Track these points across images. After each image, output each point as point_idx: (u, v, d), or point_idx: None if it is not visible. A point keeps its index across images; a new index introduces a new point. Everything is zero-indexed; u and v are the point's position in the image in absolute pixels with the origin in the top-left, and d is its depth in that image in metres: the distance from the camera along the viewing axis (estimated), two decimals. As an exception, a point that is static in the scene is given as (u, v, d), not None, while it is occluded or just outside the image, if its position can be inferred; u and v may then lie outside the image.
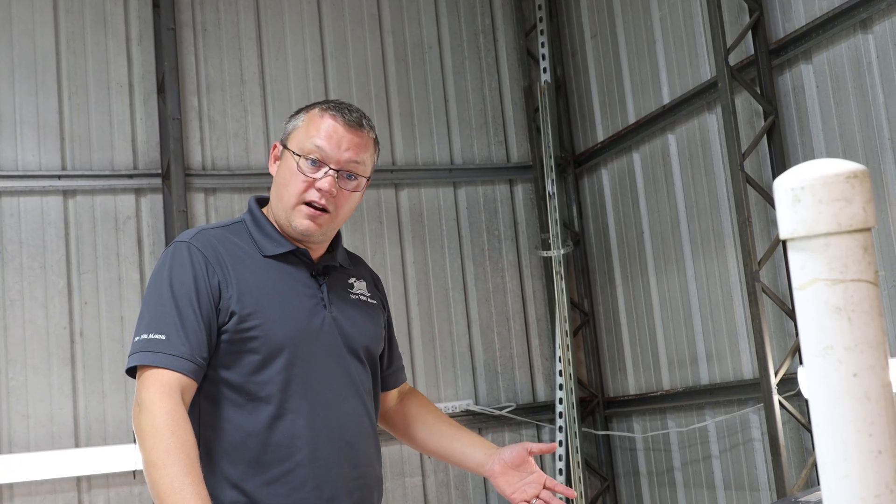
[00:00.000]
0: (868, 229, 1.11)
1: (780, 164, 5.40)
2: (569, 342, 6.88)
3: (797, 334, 5.24)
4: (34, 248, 6.08)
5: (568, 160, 7.29)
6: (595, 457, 7.07)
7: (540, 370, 7.16)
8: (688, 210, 6.22)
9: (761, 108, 5.53)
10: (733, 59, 5.60)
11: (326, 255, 2.36)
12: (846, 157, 4.90)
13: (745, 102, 5.64)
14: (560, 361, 6.92)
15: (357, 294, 2.38)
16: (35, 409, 5.91)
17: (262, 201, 2.39)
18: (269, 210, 2.34)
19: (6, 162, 6.14)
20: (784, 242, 1.19)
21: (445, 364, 6.92)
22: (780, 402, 5.23)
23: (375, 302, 2.44)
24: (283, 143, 2.32)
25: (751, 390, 5.65)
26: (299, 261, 2.29)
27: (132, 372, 2.13)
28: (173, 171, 6.28)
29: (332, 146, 2.24)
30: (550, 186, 7.05)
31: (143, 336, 2.09)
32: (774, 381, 5.23)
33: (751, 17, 5.55)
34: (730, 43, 5.56)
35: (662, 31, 6.37)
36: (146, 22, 6.55)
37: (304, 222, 2.24)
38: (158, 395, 2.02)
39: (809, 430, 5.26)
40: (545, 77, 7.24)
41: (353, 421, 2.26)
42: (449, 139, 7.23)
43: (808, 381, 1.16)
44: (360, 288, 2.40)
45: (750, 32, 5.56)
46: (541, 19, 7.31)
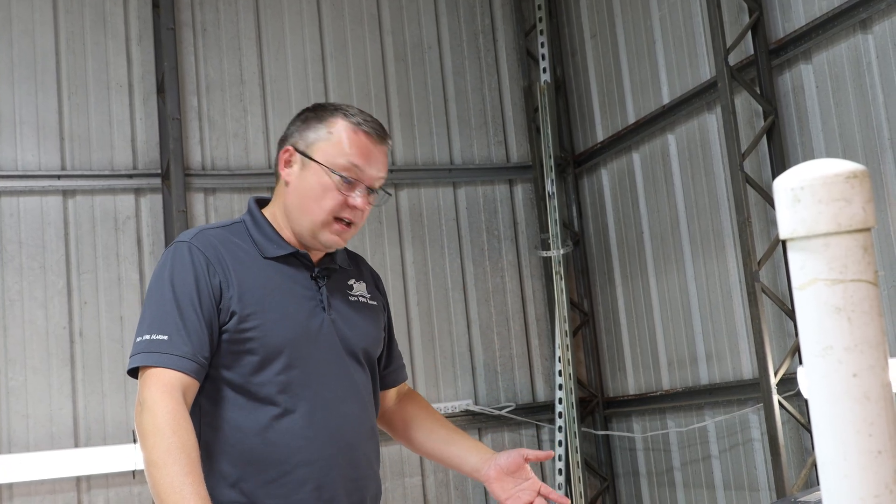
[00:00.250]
0: (868, 229, 1.11)
1: (780, 165, 5.40)
2: (568, 342, 6.88)
3: (797, 334, 5.23)
4: (34, 248, 6.08)
5: (568, 160, 7.29)
6: (595, 457, 7.07)
7: (539, 370, 7.16)
8: (687, 210, 6.22)
9: (761, 108, 5.53)
10: (733, 59, 5.60)
11: (326, 258, 2.36)
12: (846, 157, 4.89)
13: (744, 102, 5.64)
14: (560, 361, 6.92)
15: (356, 295, 2.38)
16: (34, 409, 5.91)
17: (262, 202, 2.38)
18: (270, 211, 2.33)
19: (6, 162, 6.14)
20: (784, 242, 1.19)
21: (445, 364, 6.92)
22: (779, 403, 5.23)
23: (375, 303, 2.44)
24: (302, 153, 2.26)
25: (750, 390, 5.65)
26: (299, 263, 2.29)
27: (134, 372, 2.12)
28: (173, 171, 6.28)
29: (368, 165, 2.24)
30: (550, 186, 7.05)
31: (145, 336, 2.09)
32: (774, 381, 5.23)
33: (750, 17, 5.55)
34: (729, 43, 5.56)
35: (662, 31, 6.36)
36: (146, 22, 6.55)
37: (333, 238, 2.25)
38: (160, 395, 2.02)
39: (809, 431, 5.26)
40: (545, 77, 7.24)
41: (353, 422, 2.26)
42: (448, 139, 7.22)
43: (807, 381, 1.16)
44: (359, 289, 2.40)
45: (750, 32, 5.56)
46: (540, 19, 7.31)
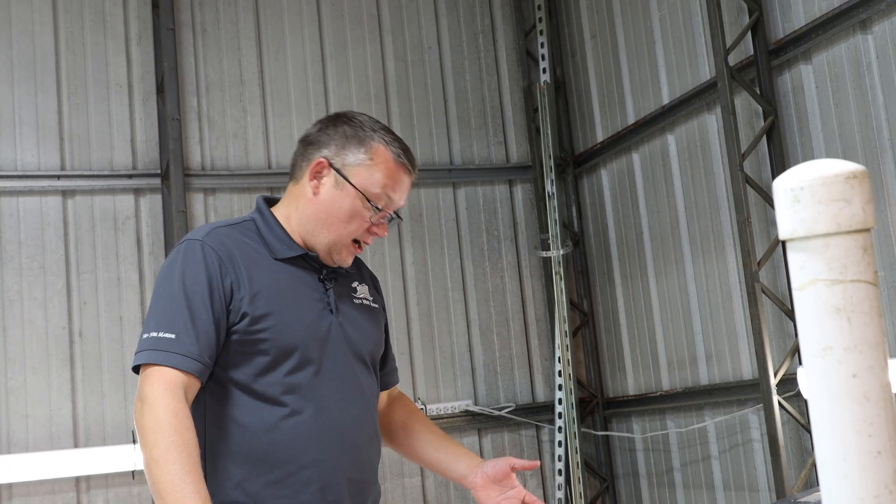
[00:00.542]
0: (867, 230, 1.11)
1: (780, 165, 5.39)
2: (568, 342, 6.87)
3: (796, 335, 5.22)
4: (33, 249, 6.08)
5: (567, 160, 7.29)
6: (594, 457, 7.07)
7: (539, 370, 7.16)
8: (687, 210, 6.21)
9: (761, 109, 5.53)
10: (733, 59, 5.59)
11: None
12: (845, 158, 4.88)
13: (744, 103, 5.64)
14: (559, 362, 6.91)
15: (361, 298, 2.38)
16: (34, 409, 5.91)
17: (270, 201, 2.37)
18: (281, 212, 2.32)
19: (5, 162, 6.13)
20: (783, 243, 1.18)
21: (445, 364, 6.92)
22: (779, 403, 5.23)
23: (377, 306, 2.45)
24: (338, 171, 2.25)
25: (750, 391, 5.65)
26: (308, 265, 2.29)
27: (137, 369, 2.11)
28: (172, 172, 6.28)
29: (399, 197, 2.29)
30: (550, 187, 7.05)
31: (152, 334, 2.07)
32: (774, 381, 5.23)
33: (750, 17, 5.55)
34: (729, 43, 5.56)
35: (662, 31, 6.36)
36: (145, 22, 6.55)
37: (346, 258, 2.30)
38: (162, 392, 2.00)
39: (809, 431, 5.26)
40: (545, 77, 7.24)
41: (359, 424, 2.26)
42: (448, 139, 7.22)
43: (807, 381, 1.16)
44: (362, 292, 2.40)
45: (749, 33, 5.56)
46: (540, 19, 7.30)
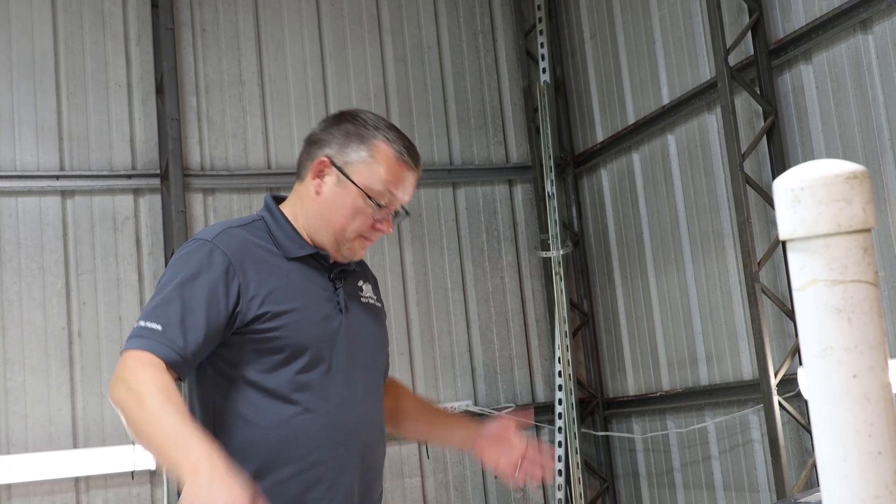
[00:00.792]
0: (868, 230, 1.11)
1: (780, 165, 5.39)
2: (568, 343, 6.87)
3: (797, 335, 5.22)
4: (32, 249, 6.07)
5: (567, 160, 7.28)
6: (594, 458, 7.06)
7: (539, 371, 7.15)
8: (687, 211, 6.21)
9: (761, 109, 5.53)
10: (733, 59, 5.59)
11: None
12: (846, 158, 4.87)
13: (744, 103, 5.63)
14: (559, 362, 6.91)
15: (367, 298, 2.39)
16: (33, 409, 5.90)
17: (278, 200, 2.37)
18: (289, 211, 2.32)
19: (4, 162, 6.13)
20: (784, 243, 1.18)
21: (444, 365, 6.91)
22: (779, 403, 5.22)
23: (380, 305, 2.46)
24: (340, 169, 2.25)
25: (750, 391, 5.64)
26: (318, 264, 2.29)
27: None
28: (172, 172, 6.27)
29: (402, 193, 2.28)
30: (550, 187, 7.04)
31: (140, 324, 2.07)
32: (774, 381, 5.23)
33: (750, 17, 5.54)
34: (729, 43, 5.55)
35: (662, 31, 6.36)
36: (145, 22, 6.55)
37: (353, 252, 2.30)
38: (140, 367, 1.99)
39: (809, 431, 5.25)
40: (544, 77, 7.23)
41: (369, 423, 2.27)
42: (448, 139, 7.22)
43: (807, 381, 1.16)
44: (368, 291, 2.42)
45: (750, 33, 5.55)
46: (540, 19, 7.30)
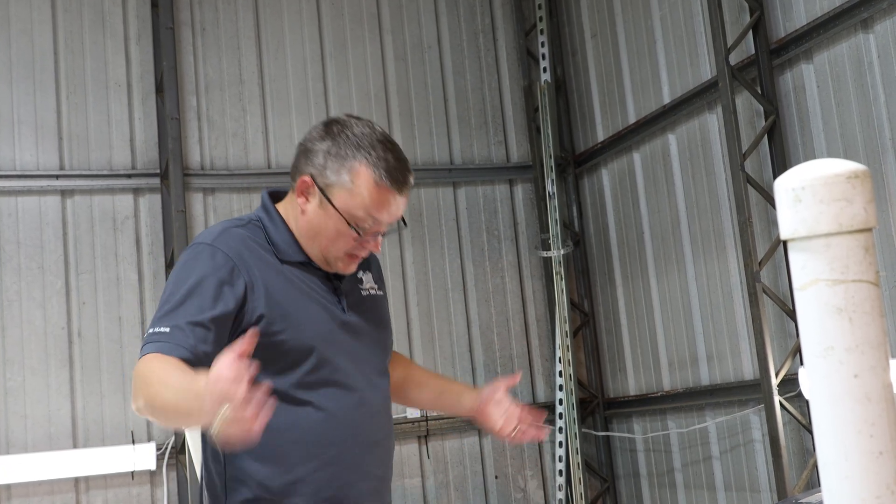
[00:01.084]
0: (869, 229, 1.10)
1: (781, 164, 5.38)
2: (569, 343, 6.86)
3: (798, 335, 5.21)
4: (32, 249, 6.07)
5: (568, 160, 7.28)
6: (595, 458, 7.06)
7: (540, 371, 7.15)
8: (688, 210, 6.20)
9: (762, 108, 5.52)
10: (734, 58, 5.58)
11: None
12: (847, 157, 4.88)
13: (745, 102, 5.63)
14: (560, 362, 6.90)
15: (367, 289, 2.40)
16: (33, 409, 5.90)
17: (276, 195, 2.37)
18: (286, 211, 2.31)
19: (4, 162, 6.12)
20: (785, 243, 1.18)
21: (445, 364, 6.91)
22: (780, 403, 5.21)
23: (382, 293, 2.47)
24: (321, 190, 2.20)
25: (751, 391, 5.63)
26: (314, 266, 2.29)
27: None
28: (172, 171, 6.27)
29: (387, 216, 2.22)
30: (550, 186, 7.04)
31: (149, 330, 2.09)
32: (775, 381, 5.22)
33: (751, 16, 5.54)
34: (730, 42, 5.54)
35: (663, 30, 6.35)
36: (144, 21, 6.54)
37: (344, 267, 2.28)
38: (150, 361, 2.02)
39: (810, 431, 5.25)
40: (545, 77, 7.23)
41: (378, 420, 2.29)
42: (448, 139, 7.21)
43: (808, 381, 1.15)
44: (368, 282, 2.42)
45: (751, 32, 5.55)
46: (541, 19, 7.29)
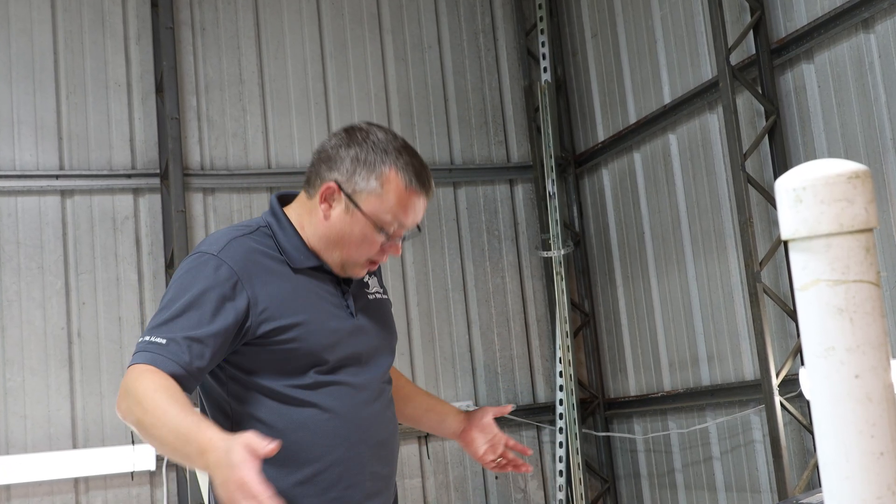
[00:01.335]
0: (870, 230, 1.10)
1: (782, 164, 5.38)
2: (569, 343, 6.86)
3: (799, 335, 5.22)
4: (32, 249, 6.07)
5: (568, 160, 7.28)
6: (595, 458, 7.05)
7: (540, 371, 7.14)
8: (689, 210, 6.20)
9: (763, 108, 5.52)
10: (734, 58, 5.58)
11: None
12: (848, 157, 4.87)
13: (746, 102, 5.62)
14: (560, 362, 6.90)
15: (373, 294, 2.41)
16: (33, 410, 5.90)
17: (284, 199, 2.36)
18: (296, 218, 2.30)
19: (3, 162, 6.13)
20: (786, 243, 1.17)
21: (445, 365, 6.91)
22: (781, 404, 5.21)
23: (386, 297, 2.49)
24: (349, 196, 2.21)
25: (752, 391, 5.63)
26: (324, 270, 2.29)
27: None
28: (172, 171, 6.27)
29: (413, 220, 2.28)
30: (551, 186, 7.04)
31: (145, 338, 2.07)
32: (776, 382, 5.21)
33: (752, 16, 5.53)
34: (731, 42, 5.54)
35: (663, 30, 6.35)
36: (144, 21, 6.54)
37: (361, 273, 2.31)
38: (142, 376, 2.00)
39: (811, 432, 5.24)
40: (545, 76, 7.22)
41: (383, 421, 2.30)
42: (449, 139, 7.21)
43: (809, 382, 1.15)
44: (374, 286, 2.43)
45: (751, 32, 5.54)
46: (541, 18, 7.29)
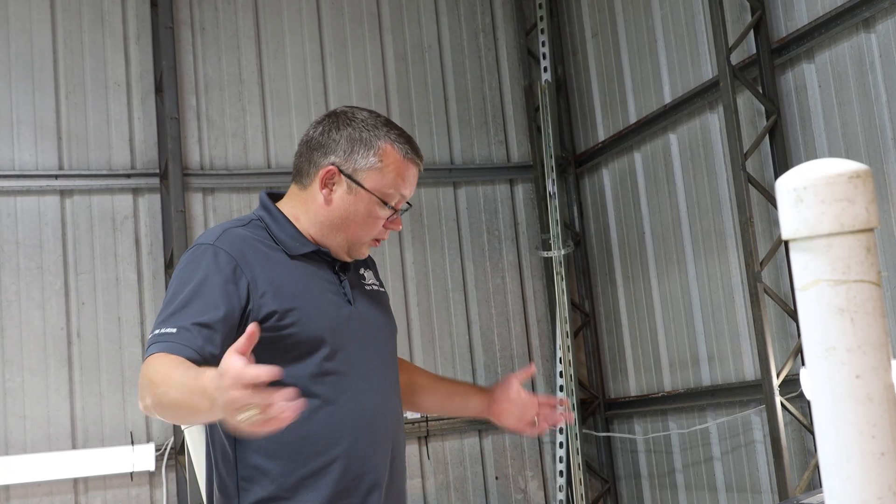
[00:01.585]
0: (871, 230, 1.10)
1: (783, 164, 5.37)
2: (569, 343, 6.86)
3: (799, 335, 5.21)
4: (31, 249, 6.06)
5: (569, 160, 7.27)
6: (596, 458, 7.05)
7: (540, 371, 7.14)
8: (689, 210, 6.19)
9: (763, 108, 5.51)
10: (735, 58, 5.57)
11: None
12: (849, 157, 4.87)
13: (746, 102, 5.62)
14: (561, 362, 6.90)
15: (370, 285, 2.42)
16: (32, 410, 5.90)
17: (274, 196, 2.39)
18: (289, 210, 2.33)
19: (3, 161, 6.12)
20: (786, 243, 1.17)
21: (445, 365, 6.90)
22: (782, 404, 5.21)
23: (384, 289, 2.49)
24: (349, 176, 2.26)
25: (752, 392, 5.63)
26: (321, 259, 2.31)
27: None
28: (171, 171, 6.27)
29: (410, 191, 2.33)
30: (551, 186, 7.03)
31: (155, 331, 2.09)
32: (776, 382, 5.21)
33: (753, 15, 5.53)
34: (731, 42, 5.54)
35: (664, 29, 6.34)
36: (144, 20, 6.54)
37: (366, 252, 2.36)
38: (158, 359, 2.01)
39: (812, 432, 5.24)
40: (546, 76, 7.22)
41: (388, 411, 2.30)
42: (449, 139, 7.21)
43: (810, 382, 1.15)
44: (370, 278, 2.44)
45: (752, 31, 5.54)
46: (541, 18, 7.29)
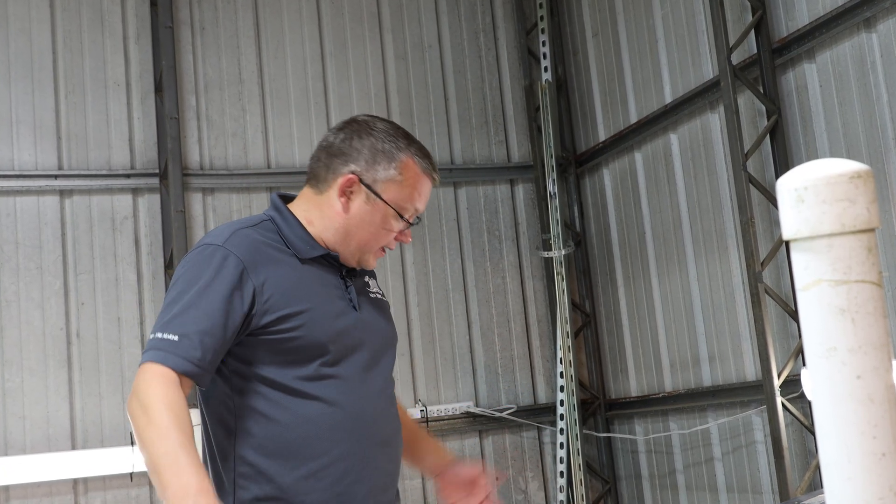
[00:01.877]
0: (872, 230, 1.10)
1: (783, 164, 5.37)
2: (570, 343, 6.85)
3: (800, 336, 5.20)
4: (30, 249, 6.06)
5: (569, 160, 7.27)
6: (596, 459, 7.04)
7: (541, 371, 7.13)
8: (690, 210, 6.19)
9: (764, 108, 5.51)
10: (736, 58, 5.57)
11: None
12: (850, 157, 4.86)
13: (747, 102, 5.61)
14: (561, 363, 6.89)
15: (374, 293, 2.43)
16: (31, 411, 5.89)
17: (286, 198, 2.39)
18: (302, 214, 2.33)
19: (2, 161, 6.13)
20: (787, 243, 1.17)
21: (445, 365, 6.90)
22: (782, 404, 5.20)
23: (386, 299, 2.50)
24: (369, 187, 2.28)
25: (753, 392, 5.62)
26: (329, 263, 2.32)
27: None
28: (171, 171, 6.27)
29: (424, 205, 2.37)
30: (551, 186, 7.03)
31: (157, 335, 2.08)
32: (777, 382, 5.21)
33: (753, 15, 5.52)
34: (732, 42, 5.54)
35: (664, 29, 6.34)
36: (143, 20, 6.54)
37: (373, 261, 2.38)
38: (155, 382, 2.01)
39: (813, 433, 5.23)
40: (546, 76, 7.22)
41: (387, 416, 2.31)
42: (449, 139, 7.20)
43: (811, 382, 1.15)
44: (374, 286, 2.45)
45: (753, 31, 5.54)
46: (542, 18, 7.29)
